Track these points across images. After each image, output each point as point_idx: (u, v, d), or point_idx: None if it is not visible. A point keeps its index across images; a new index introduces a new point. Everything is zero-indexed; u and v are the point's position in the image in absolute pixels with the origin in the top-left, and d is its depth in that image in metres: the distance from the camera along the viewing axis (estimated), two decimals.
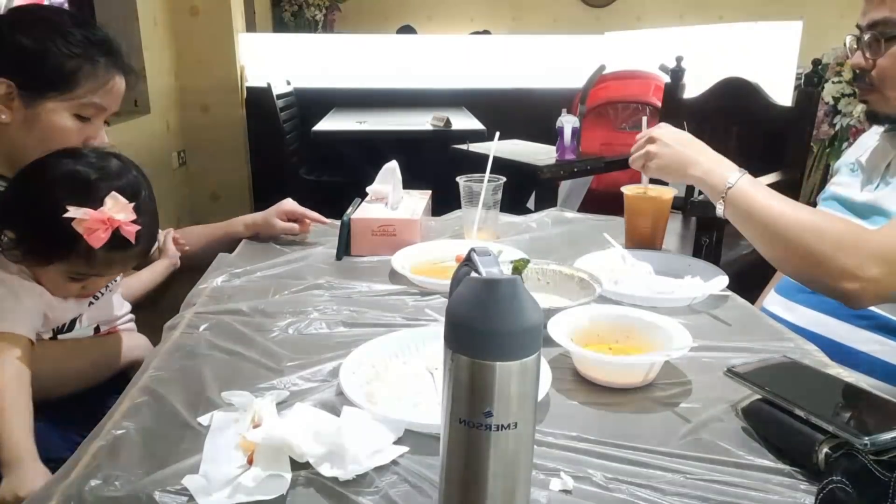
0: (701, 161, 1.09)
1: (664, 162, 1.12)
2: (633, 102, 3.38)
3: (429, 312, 0.97)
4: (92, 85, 0.99)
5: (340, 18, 5.52)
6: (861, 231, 0.98)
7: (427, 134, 3.20)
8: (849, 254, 0.94)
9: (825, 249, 0.95)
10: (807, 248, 0.96)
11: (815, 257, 0.96)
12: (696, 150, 1.11)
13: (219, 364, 0.84)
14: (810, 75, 2.02)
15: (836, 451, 0.60)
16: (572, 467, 0.64)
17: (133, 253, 0.98)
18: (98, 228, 0.89)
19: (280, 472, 0.61)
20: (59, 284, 0.98)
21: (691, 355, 0.82)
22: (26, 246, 0.94)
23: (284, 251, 1.28)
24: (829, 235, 0.96)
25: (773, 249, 1.03)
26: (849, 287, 0.94)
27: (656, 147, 1.13)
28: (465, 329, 0.49)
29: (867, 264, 0.93)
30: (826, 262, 0.95)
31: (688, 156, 1.10)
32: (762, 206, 1.01)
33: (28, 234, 0.93)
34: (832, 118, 2.97)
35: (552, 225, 1.49)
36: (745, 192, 1.03)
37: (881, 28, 1.02)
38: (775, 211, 1.00)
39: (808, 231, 0.97)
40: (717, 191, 1.05)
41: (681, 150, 1.11)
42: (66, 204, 0.88)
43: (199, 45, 3.89)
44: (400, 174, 1.38)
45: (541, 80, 4.28)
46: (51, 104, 0.97)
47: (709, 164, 1.08)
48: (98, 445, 0.67)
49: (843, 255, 0.94)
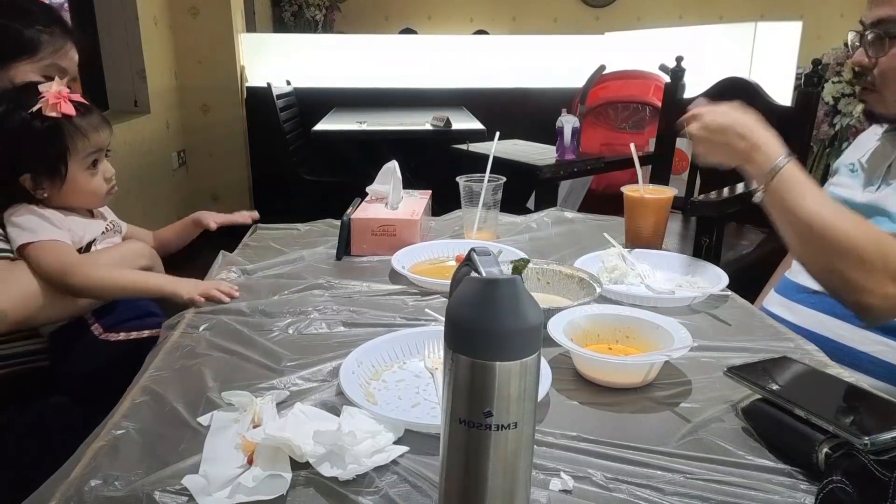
0: (744, 147, 1.00)
1: (707, 145, 1.04)
2: (633, 102, 3.38)
3: (429, 312, 0.97)
4: (51, 49, 1.17)
5: (340, 18, 5.52)
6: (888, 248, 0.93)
7: (427, 134, 3.20)
8: (872, 269, 0.91)
9: (851, 261, 0.92)
10: (845, 250, 0.92)
11: (852, 259, 0.92)
12: (741, 132, 1.01)
13: (219, 364, 0.84)
14: (810, 75, 2.02)
15: (836, 451, 0.60)
16: (572, 467, 0.64)
17: (97, 114, 1.18)
18: (59, 101, 1.10)
19: (280, 472, 0.61)
20: (87, 182, 1.16)
21: (691, 355, 0.82)
22: (40, 173, 1.11)
23: (284, 251, 1.28)
24: (875, 240, 0.92)
25: (808, 245, 0.98)
26: (865, 301, 0.93)
27: (699, 127, 1.04)
28: (465, 329, 0.49)
29: (886, 281, 0.91)
30: (848, 273, 0.93)
31: (731, 140, 1.01)
32: (803, 199, 0.95)
33: (33, 161, 1.11)
34: (832, 118, 2.97)
35: (552, 225, 1.49)
36: (787, 184, 0.96)
37: (886, 26, 1.01)
38: (814, 210, 0.94)
39: (841, 239, 0.93)
40: (759, 180, 0.99)
41: (726, 132, 1.01)
42: (27, 119, 1.09)
43: (199, 45, 3.89)
44: (400, 174, 1.38)
45: (541, 80, 4.28)
46: (22, 66, 1.15)
47: (752, 151, 0.99)
48: (98, 445, 0.67)
49: (867, 269, 0.91)
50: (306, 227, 1.45)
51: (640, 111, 3.36)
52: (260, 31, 4.87)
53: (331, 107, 3.94)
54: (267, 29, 5.16)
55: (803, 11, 4.93)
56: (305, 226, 1.45)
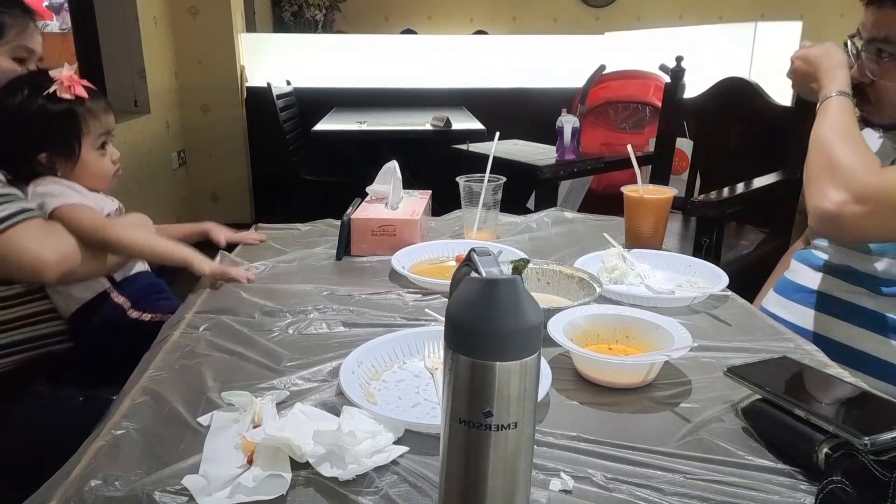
0: (818, 76, 1.11)
1: (796, 71, 1.17)
2: (633, 102, 3.38)
3: (429, 312, 0.97)
4: (16, 31, 1.19)
5: (340, 18, 5.52)
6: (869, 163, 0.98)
7: (427, 134, 3.20)
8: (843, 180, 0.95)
9: (823, 168, 0.98)
10: (814, 163, 1.00)
11: (813, 173, 1.00)
12: (821, 65, 1.11)
13: (219, 364, 0.84)
14: None
15: (836, 451, 0.60)
16: (572, 467, 0.64)
17: (103, 99, 1.26)
18: (72, 84, 1.17)
19: (280, 472, 0.61)
20: (97, 163, 1.22)
21: (691, 355, 0.82)
22: (56, 152, 1.18)
23: (284, 251, 1.28)
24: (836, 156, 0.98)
25: (808, 161, 1.05)
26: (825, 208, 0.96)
27: (799, 54, 1.17)
28: (465, 329, 0.49)
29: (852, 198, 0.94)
30: (818, 181, 0.98)
31: (812, 70, 1.12)
32: (819, 121, 1.04)
33: (49, 140, 1.18)
34: None
35: (552, 225, 1.49)
36: (825, 110, 1.05)
37: (882, 45, 1.02)
38: (821, 123, 1.04)
39: (821, 145, 1.00)
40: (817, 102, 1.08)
41: (813, 63, 1.13)
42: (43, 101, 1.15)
43: (199, 45, 3.89)
44: (400, 174, 1.38)
45: (541, 80, 4.28)
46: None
47: (822, 80, 1.09)
48: (98, 445, 0.67)
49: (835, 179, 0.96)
50: (306, 227, 1.45)
51: (640, 111, 3.36)
52: (260, 31, 4.87)
53: (331, 107, 3.94)
54: (267, 29, 5.16)
55: (803, 11, 4.94)
56: (305, 226, 1.45)
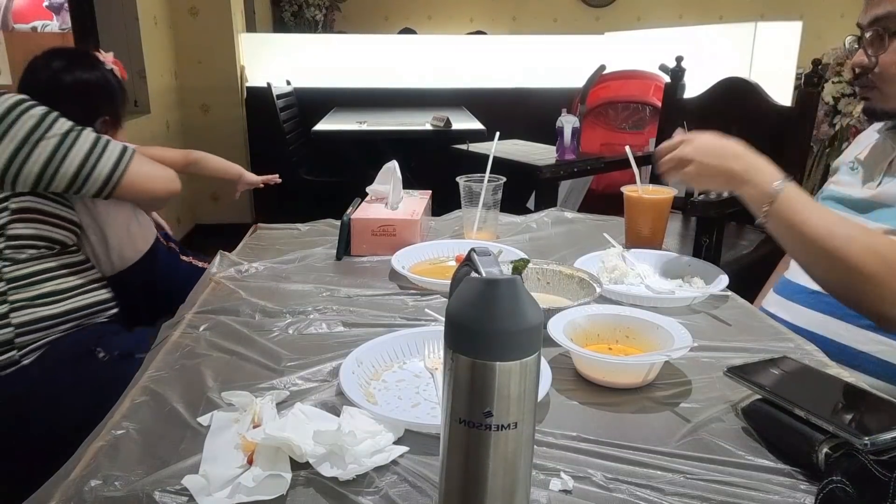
0: (737, 172, 0.99)
1: (701, 167, 1.02)
2: (633, 102, 3.38)
3: (429, 312, 0.97)
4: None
5: (340, 18, 5.52)
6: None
7: (427, 134, 3.20)
8: (883, 282, 0.90)
9: (875, 271, 0.90)
10: (854, 268, 0.91)
11: (863, 277, 0.91)
12: (734, 154, 1.01)
13: (219, 364, 0.84)
14: (810, 75, 2.01)
15: (836, 451, 0.60)
16: (572, 467, 0.64)
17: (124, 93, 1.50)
18: (116, 65, 1.43)
19: (280, 472, 0.60)
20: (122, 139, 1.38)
21: (691, 355, 0.82)
22: (110, 119, 1.41)
23: (284, 251, 1.28)
24: (881, 256, 0.91)
25: (818, 265, 0.98)
26: (887, 313, 0.92)
27: (692, 149, 1.02)
28: (465, 329, 0.49)
29: None
30: (880, 286, 0.91)
31: (725, 170, 1.00)
32: (809, 221, 0.94)
33: (108, 107, 1.41)
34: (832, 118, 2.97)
35: (552, 225, 1.49)
36: (790, 204, 0.95)
37: (884, 23, 1.01)
38: (824, 226, 0.93)
39: (868, 252, 0.91)
40: (759, 202, 0.98)
41: (716, 166, 1.01)
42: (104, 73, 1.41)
43: (199, 45, 3.90)
44: (400, 174, 1.38)
45: (541, 80, 4.29)
46: None
47: (747, 177, 0.99)
48: (98, 445, 0.67)
49: (878, 283, 0.90)
50: (306, 227, 1.45)
51: (640, 111, 3.36)
52: (260, 31, 4.87)
53: (331, 107, 3.94)
54: (267, 29, 5.17)
55: (803, 11, 4.94)
56: (305, 226, 1.45)
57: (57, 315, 1.21)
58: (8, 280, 1.16)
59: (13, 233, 1.18)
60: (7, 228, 1.17)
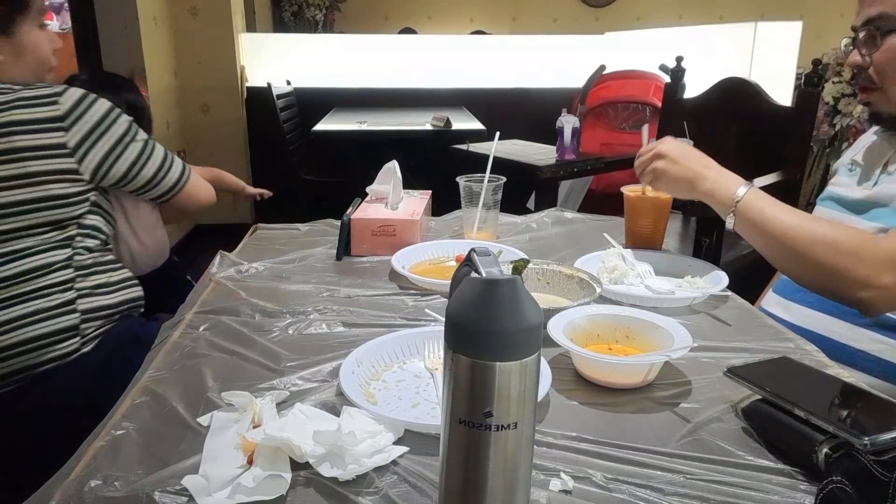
0: (708, 176, 1.07)
1: (672, 179, 1.10)
2: (633, 102, 3.38)
3: (429, 312, 0.97)
4: None
5: (340, 18, 5.52)
6: (871, 239, 0.97)
7: (427, 134, 3.20)
8: (862, 263, 0.93)
9: (839, 260, 0.94)
10: (820, 260, 0.95)
11: (830, 268, 0.95)
12: (702, 164, 1.09)
13: (219, 364, 0.84)
14: (810, 75, 2.02)
15: (836, 451, 0.60)
16: (572, 467, 0.64)
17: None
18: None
19: (280, 472, 0.60)
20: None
21: (691, 355, 0.82)
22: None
23: (284, 251, 1.28)
24: (842, 246, 0.95)
25: (786, 261, 1.02)
26: (863, 296, 0.94)
27: (663, 164, 1.10)
28: (465, 329, 0.49)
29: (880, 272, 0.92)
30: (840, 273, 0.94)
31: (694, 171, 1.08)
32: (772, 219, 0.99)
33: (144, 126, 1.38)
34: (832, 118, 2.98)
35: (552, 225, 1.49)
36: (753, 206, 1.01)
37: (876, 23, 1.02)
38: (785, 223, 0.98)
39: (819, 243, 0.96)
40: (725, 205, 1.04)
41: (687, 166, 1.08)
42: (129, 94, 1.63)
43: (199, 45, 3.90)
44: (400, 174, 1.38)
45: (541, 80, 4.29)
46: (24, 26, 1.22)
47: (715, 179, 1.06)
48: (98, 445, 0.67)
49: (857, 264, 0.93)
50: (306, 227, 1.45)
51: (640, 111, 3.36)
52: (260, 31, 4.87)
53: (331, 107, 3.94)
54: (267, 29, 5.17)
55: (803, 11, 4.94)
56: (305, 226, 1.45)
57: (113, 305, 1.26)
58: (76, 267, 1.22)
59: (87, 223, 1.25)
60: (84, 218, 1.24)
